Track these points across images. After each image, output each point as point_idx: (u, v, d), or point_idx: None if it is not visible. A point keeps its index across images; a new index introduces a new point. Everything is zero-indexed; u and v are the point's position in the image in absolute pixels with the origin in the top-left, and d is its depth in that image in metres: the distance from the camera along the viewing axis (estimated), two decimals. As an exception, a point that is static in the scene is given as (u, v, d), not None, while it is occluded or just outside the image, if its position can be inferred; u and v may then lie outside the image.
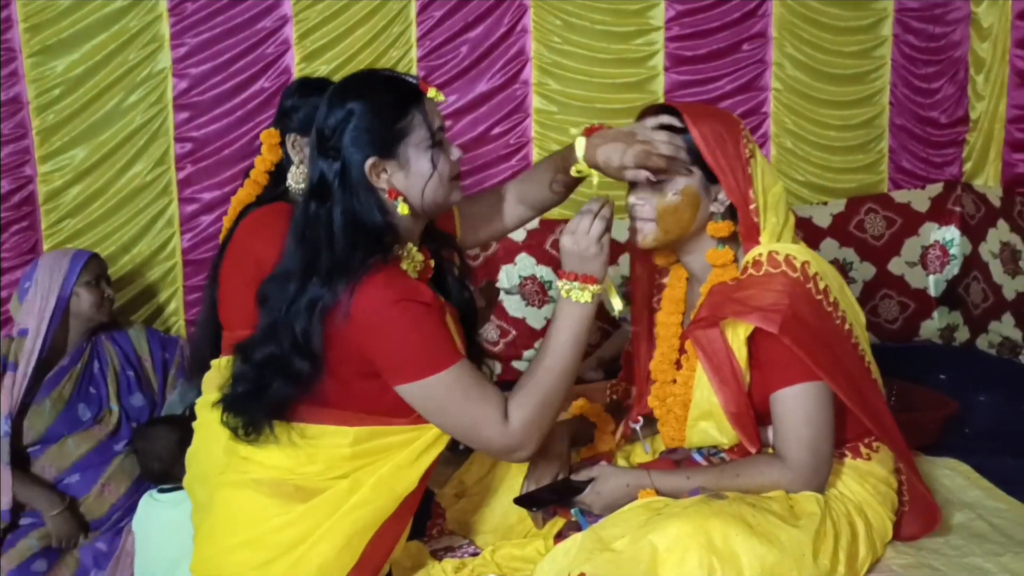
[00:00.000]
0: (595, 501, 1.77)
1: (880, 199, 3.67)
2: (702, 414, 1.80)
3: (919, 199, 3.68)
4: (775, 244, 1.76)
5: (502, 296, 3.42)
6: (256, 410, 1.67)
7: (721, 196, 1.79)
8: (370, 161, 1.67)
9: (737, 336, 1.73)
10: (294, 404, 1.67)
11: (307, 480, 1.68)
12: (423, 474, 1.74)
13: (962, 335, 3.65)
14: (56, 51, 3.15)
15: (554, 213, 3.44)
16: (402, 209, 1.69)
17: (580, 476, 1.82)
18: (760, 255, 1.76)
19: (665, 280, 1.97)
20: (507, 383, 1.83)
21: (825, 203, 3.63)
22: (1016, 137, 3.39)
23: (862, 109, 3.63)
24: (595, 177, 1.86)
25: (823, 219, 3.61)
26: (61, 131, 3.19)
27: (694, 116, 1.78)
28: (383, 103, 1.68)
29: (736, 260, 1.81)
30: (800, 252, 1.77)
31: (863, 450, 1.84)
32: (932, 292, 3.70)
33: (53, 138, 3.19)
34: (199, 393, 2.40)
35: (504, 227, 2.09)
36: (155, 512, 2.51)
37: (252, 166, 2.30)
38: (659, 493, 1.72)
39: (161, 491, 2.54)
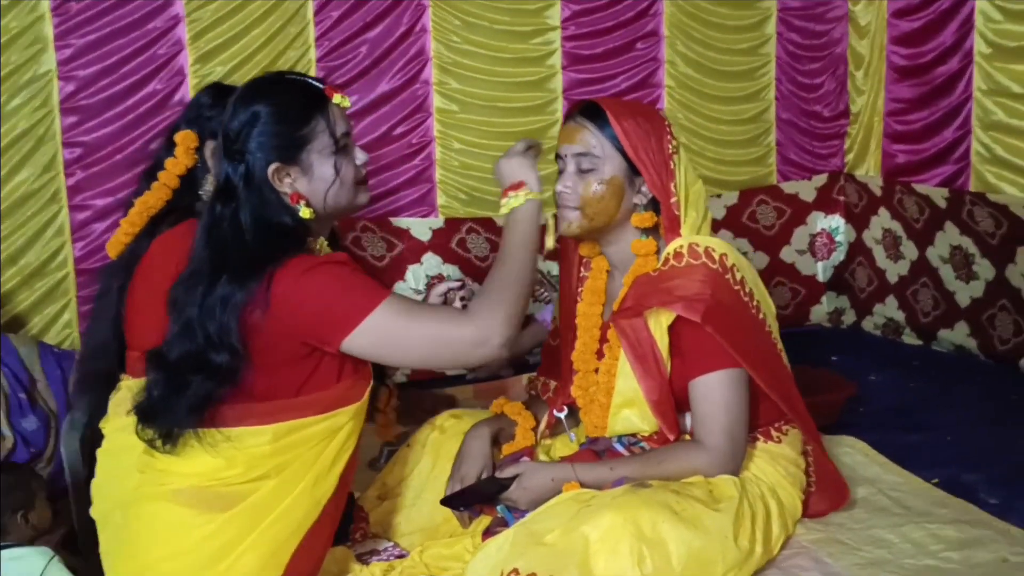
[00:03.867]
0: (521, 496, 1.80)
1: (770, 190, 3.82)
2: (625, 402, 1.85)
3: (806, 189, 3.85)
4: (695, 236, 1.84)
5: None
6: (175, 412, 1.64)
7: (644, 188, 1.86)
8: (273, 166, 1.70)
9: (660, 325, 1.80)
10: (214, 405, 1.65)
11: (227, 485, 1.66)
12: (340, 479, 1.74)
13: (849, 318, 3.84)
14: (-71, 53, 3.00)
15: (460, 211, 3.53)
16: (304, 213, 1.71)
17: (505, 473, 1.85)
18: (681, 247, 1.83)
19: (587, 273, 2.02)
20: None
21: (719, 195, 3.76)
22: (895, 129, 3.58)
23: (751, 104, 3.77)
24: None
25: (718, 211, 3.73)
26: (-63, 138, 3.04)
27: (617, 113, 1.84)
28: (287, 109, 1.70)
29: (658, 251, 1.87)
30: (718, 245, 1.85)
31: (774, 433, 1.93)
32: (820, 278, 3.89)
33: (-71, 145, 3.03)
34: (90, 413, 2.29)
35: None
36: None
37: (152, 167, 2.20)
38: (583, 485, 1.76)
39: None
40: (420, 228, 3.49)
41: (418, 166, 3.46)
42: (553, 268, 3.45)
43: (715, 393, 1.79)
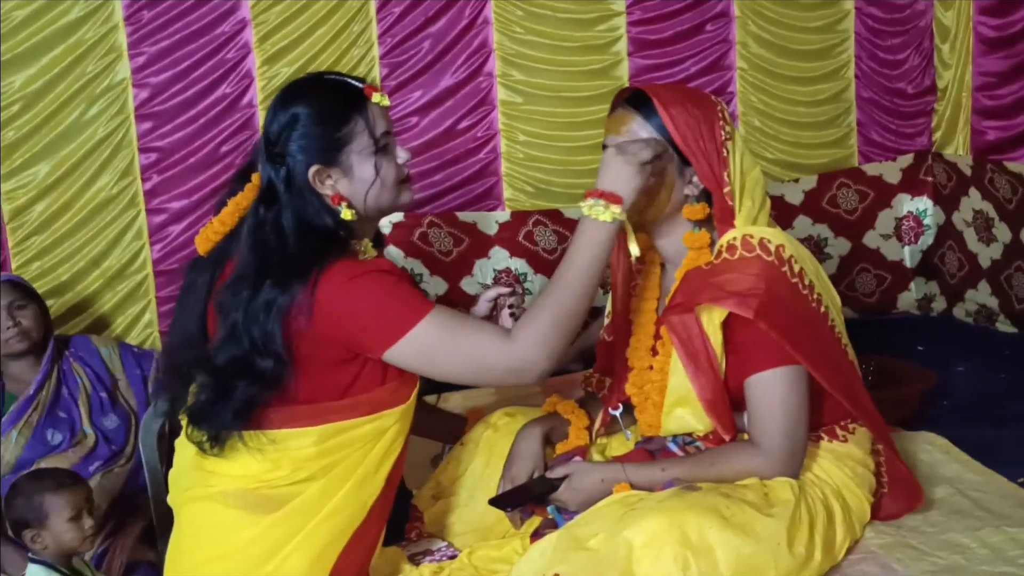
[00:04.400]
0: (571, 498, 1.76)
1: (851, 173, 3.66)
2: (678, 400, 1.78)
3: (890, 171, 3.68)
4: (749, 228, 1.75)
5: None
6: (222, 416, 1.65)
7: (695, 179, 1.78)
8: (313, 168, 1.69)
9: (712, 322, 1.72)
10: (259, 408, 1.65)
11: (274, 488, 1.67)
12: (387, 479, 1.74)
13: (939, 305, 3.66)
14: (13, 66, 3.09)
15: (526, 204, 3.49)
16: (346, 214, 1.70)
17: (555, 473, 1.81)
18: (734, 239, 1.75)
19: (641, 266, 1.96)
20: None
21: (796, 180, 3.62)
22: (984, 104, 3.39)
23: (828, 84, 3.61)
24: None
25: (795, 196, 3.60)
26: (23, 147, 3.14)
27: (665, 100, 1.76)
28: (325, 110, 1.69)
29: (712, 243, 1.80)
30: (775, 235, 1.75)
31: (839, 432, 1.84)
32: (908, 263, 3.71)
33: (15, 155, 3.14)
34: (171, 405, 2.34)
35: None
36: None
37: (245, 170, 2.20)
38: (634, 486, 1.71)
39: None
40: (486, 222, 3.47)
41: (483, 159, 3.43)
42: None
43: (771, 392, 1.70)
